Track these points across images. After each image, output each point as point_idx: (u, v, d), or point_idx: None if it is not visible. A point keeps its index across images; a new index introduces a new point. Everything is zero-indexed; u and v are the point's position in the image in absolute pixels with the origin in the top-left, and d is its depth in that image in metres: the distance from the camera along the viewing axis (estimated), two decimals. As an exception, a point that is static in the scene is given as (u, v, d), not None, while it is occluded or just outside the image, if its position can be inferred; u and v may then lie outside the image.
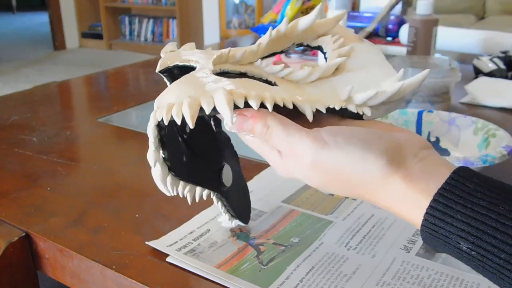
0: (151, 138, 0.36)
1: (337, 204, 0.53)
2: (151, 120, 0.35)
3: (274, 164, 0.37)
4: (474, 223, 0.30)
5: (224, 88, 0.33)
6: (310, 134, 0.34)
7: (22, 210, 0.52)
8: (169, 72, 0.40)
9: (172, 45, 0.41)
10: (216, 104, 0.33)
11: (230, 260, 0.43)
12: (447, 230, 0.31)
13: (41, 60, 4.24)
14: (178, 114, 0.33)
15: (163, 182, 0.38)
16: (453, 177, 0.31)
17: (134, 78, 1.17)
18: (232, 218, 0.47)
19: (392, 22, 1.39)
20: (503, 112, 0.84)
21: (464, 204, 0.30)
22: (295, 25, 0.41)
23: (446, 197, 0.31)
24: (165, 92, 0.35)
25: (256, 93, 0.34)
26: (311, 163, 0.34)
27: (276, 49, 0.41)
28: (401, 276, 0.41)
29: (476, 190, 0.30)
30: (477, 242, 0.30)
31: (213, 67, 0.36)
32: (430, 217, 0.31)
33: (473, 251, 0.30)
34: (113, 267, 0.43)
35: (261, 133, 0.35)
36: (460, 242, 0.30)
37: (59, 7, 4.60)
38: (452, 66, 0.80)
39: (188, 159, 0.41)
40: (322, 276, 0.41)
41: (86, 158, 0.68)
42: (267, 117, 0.34)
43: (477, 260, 0.30)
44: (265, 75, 0.38)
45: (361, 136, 0.34)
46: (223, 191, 0.45)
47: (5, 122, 0.80)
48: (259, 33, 1.56)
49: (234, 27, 4.15)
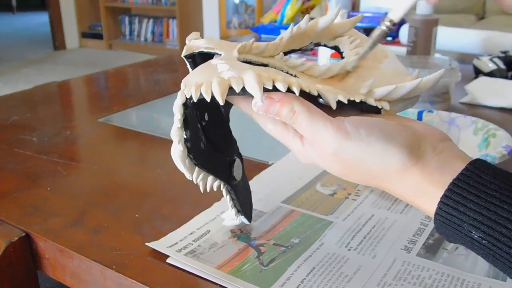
0: (178, 115, 0.37)
1: (337, 204, 0.53)
2: (179, 98, 0.36)
3: (295, 151, 0.38)
4: (486, 213, 0.30)
5: (253, 70, 0.34)
6: (334, 123, 0.34)
7: (22, 210, 0.52)
8: (193, 58, 0.41)
9: (196, 34, 0.42)
10: (245, 84, 0.34)
11: (230, 261, 0.43)
12: (459, 219, 0.31)
13: (41, 60, 4.24)
14: (207, 91, 0.34)
15: (183, 162, 0.39)
16: (468, 168, 0.32)
17: (134, 78, 1.17)
18: (238, 214, 0.47)
19: (392, 22, 1.39)
20: (503, 112, 0.83)
21: (477, 194, 0.31)
22: (315, 24, 0.42)
23: (460, 187, 0.32)
24: (192, 73, 0.36)
25: (283, 77, 0.35)
26: (333, 152, 0.34)
27: (295, 46, 0.42)
28: (402, 277, 0.41)
29: (490, 181, 0.31)
30: (488, 231, 0.30)
31: (238, 55, 0.37)
32: (444, 205, 0.32)
33: (484, 240, 0.31)
34: (113, 267, 0.43)
35: (287, 117, 0.35)
36: (472, 231, 0.31)
37: (59, 7, 4.60)
38: (452, 66, 0.80)
39: (205, 146, 0.41)
40: (323, 277, 0.41)
41: (86, 158, 0.68)
42: (293, 101, 0.35)
43: (488, 249, 0.31)
44: (286, 68, 0.39)
45: (383, 128, 0.34)
46: (233, 184, 0.45)
47: (5, 122, 0.80)
48: (259, 33, 1.56)
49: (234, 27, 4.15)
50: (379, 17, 1.41)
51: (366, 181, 0.36)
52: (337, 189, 0.56)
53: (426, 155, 0.34)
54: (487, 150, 0.58)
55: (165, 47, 4.49)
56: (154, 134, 0.74)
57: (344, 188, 0.56)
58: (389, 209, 0.51)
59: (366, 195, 0.55)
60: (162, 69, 1.21)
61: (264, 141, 0.74)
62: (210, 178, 0.42)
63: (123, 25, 4.80)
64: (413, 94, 0.39)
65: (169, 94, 0.95)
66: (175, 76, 1.10)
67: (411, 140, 0.34)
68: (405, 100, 0.40)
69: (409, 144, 0.34)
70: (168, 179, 0.59)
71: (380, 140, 0.34)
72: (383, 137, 0.34)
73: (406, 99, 0.40)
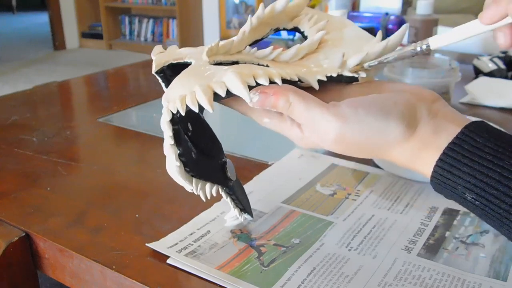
0: (168, 132, 0.37)
1: (337, 204, 0.53)
2: (165, 115, 0.36)
3: (295, 139, 0.38)
4: (479, 176, 0.32)
5: (232, 70, 0.34)
6: (331, 109, 0.35)
7: (22, 210, 0.52)
8: (164, 73, 0.41)
9: (159, 47, 0.41)
10: (229, 86, 0.34)
11: (231, 261, 0.43)
12: (454, 182, 0.33)
13: (41, 60, 4.23)
14: (193, 102, 0.34)
15: (183, 177, 0.39)
16: (463, 131, 0.34)
17: (134, 78, 1.17)
18: (241, 212, 0.47)
19: (392, 22, 1.39)
20: (503, 112, 0.83)
21: (471, 158, 0.33)
22: (272, 9, 0.42)
23: (455, 151, 0.33)
24: (171, 87, 0.36)
25: (263, 71, 0.35)
26: (334, 137, 0.35)
27: (257, 36, 0.43)
28: (403, 277, 0.41)
29: (484, 144, 0.33)
30: (480, 193, 0.32)
31: (208, 59, 0.37)
32: (439, 169, 0.34)
33: (477, 201, 0.33)
34: (113, 267, 0.43)
35: (283, 108, 0.36)
36: (465, 193, 0.33)
37: (59, 7, 4.59)
38: (452, 66, 0.80)
39: (196, 156, 0.41)
40: (324, 277, 0.41)
41: (86, 158, 0.68)
42: (288, 93, 0.36)
43: (480, 209, 0.33)
44: (256, 60, 0.39)
45: (380, 104, 0.35)
46: (230, 185, 0.45)
47: (5, 122, 0.80)
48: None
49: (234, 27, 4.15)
50: (379, 17, 1.41)
51: (368, 155, 0.37)
52: (337, 189, 0.56)
53: (421, 121, 0.35)
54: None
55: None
56: (154, 134, 0.73)
57: (344, 188, 0.56)
58: (389, 209, 0.51)
59: (366, 195, 0.55)
60: (162, 69, 1.20)
61: (264, 141, 0.74)
62: (208, 185, 0.42)
63: (123, 25, 4.80)
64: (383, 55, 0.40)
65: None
66: (175, 76, 1.10)
67: (408, 110, 0.35)
68: None
69: (406, 115, 0.35)
70: (168, 179, 0.59)
71: (379, 117, 0.35)
72: (381, 114, 0.35)
73: None
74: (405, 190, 0.55)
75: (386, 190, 0.56)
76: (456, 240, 0.46)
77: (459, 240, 0.46)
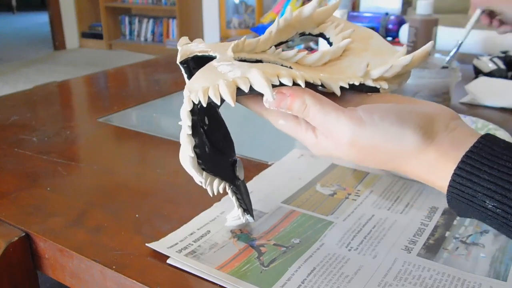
0: (187, 122, 0.37)
1: (338, 204, 0.53)
2: (186, 104, 0.36)
3: (309, 144, 0.38)
4: (500, 182, 0.31)
5: (257, 67, 0.34)
6: (347, 113, 0.35)
7: (22, 210, 0.52)
8: (187, 64, 0.41)
9: (185, 39, 0.42)
10: (253, 83, 0.34)
11: (231, 261, 0.43)
12: (473, 189, 0.32)
13: (41, 60, 4.23)
14: (216, 94, 0.34)
15: (195, 168, 0.39)
16: (480, 141, 0.33)
17: (134, 78, 1.17)
18: (244, 213, 0.47)
19: (392, 22, 1.39)
20: (503, 112, 0.83)
21: (490, 165, 0.32)
22: (300, 13, 0.43)
23: (473, 159, 0.32)
24: (195, 78, 0.36)
25: (286, 72, 0.35)
26: (349, 141, 0.35)
27: (282, 38, 0.43)
28: (403, 277, 0.41)
29: (502, 153, 0.32)
30: (502, 200, 0.31)
31: (233, 55, 0.37)
32: (458, 177, 0.32)
33: (498, 209, 0.31)
34: (113, 267, 0.43)
35: (299, 110, 0.36)
36: (485, 201, 0.32)
37: (59, 7, 4.60)
38: (452, 66, 0.80)
39: (209, 150, 0.41)
40: (324, 277, 0.41)
41: (86, 158, 0.68)
42: (304, 95, 0.35)
43: (502, 217, 0.31)
44: (280, 61, 0.39)
45: (396, 112, 0.35)
46: (237, 184, 0.45)
47: (5, 122, 0.80)
48: (259, 33, 1.56)
49: (234, 27, 4.15)
50: (379, 17, 1.41)
51: (383, 165, 0.36)
52: (337, 189, 0.56)
53: (439, 134, 0.34)
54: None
55: (165, 47, 4.49)
56: (154, 134, 0.73)
57: (344, 188, 0.56)
58: (389, 209, 0.51)
59: (366, 195, 0.55)
60: (162, 69, 1.20)
61: (263, 141, 0.74)
62: (216, 181, 0.42)
63: (123, 25, 4.80)
64: (407, 69, 0.40)
65: (169, 94, 0.95)
66: (175, 76, 1.10)
67: (425, 121, 0.34)
68: (399, 77, 0.40)
69: (423, 125, 0.34)
70: (168, 179, 0.59)
71: (395, 124, 0.34)
72: (397, 121, 0.34)
73: (400, 76, 0.40)
74: (405, 190, 0.55)
75: (386, 190, 0.56)
76: (456, 240, 0.46)
77: (459, 240, 0.46)
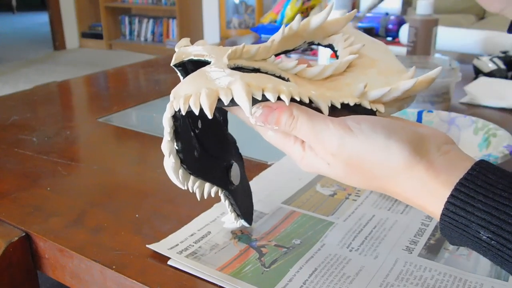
0: (167, 128, 0.36)
1: (338, 205, 0.52)
2: (167, 111, 0.36)
3: (297, 158, 0.37)
4: (495, 213, 0.30)
5: (242, 80, 0.34)
6: (335, 121, 0.34)
7: (22, 210, 0.52)
8: (183, 66, 0.41)
9: (185, 40, 0.41)
10: (234, 95, 0.33)
11: (232, 262, 0.43)
12: (467, 219, 0.31)
13: (41, 60, 4.23)
14: (196, 104, 0.33)
15: (176, 174, 0.38)
16: (475, 168, 0.31)
17: (134, 78, 1.17)
18: (237, 218, 0.46)
19: (392, 22, 1.39)
20: (503, 112, 0.83)
21: (485, 194, 0.30)
22: (307, 23, 0.41)
23: (467, 187, 0.31)
24: (182, 84, 0.36)
25: (273, 86, 0.34)
26: (335, 151, 0.34)
27: (288, 46, 0.42)
28: (404, 277, 0.41)
29: (497, 181, 0.30)
30: (497, 231, 0.29)
31: (228, 62, 0.37)
32: (451, 205, 0.31)
33: (493, 241, 0.30)
34: (113, 267, 0.42)
35: (286, 124, 0.35)
36: (480, 231, 0.30)
37: (59, 7, 4.59)
38: (452, 66, 0.80)
39: (199, 155, 0.41)
40: (325, 278, 0.40)
41: (86, 158, 0.68)
42: (292, 108, 0.35)
43: (497, 249, 0.30)
44: (278, 72, 0.38)
45: (386, 125, 0.34)
46: (231, 189, 0.45)
47: (5, 122, 0.80)
48: (259, 33, 1.56)
49: (234, 27, 4.15)
50: (379, 17, 1.41)
51: (369, 182, 0.35)
52: (337, 190, 0.56)
53: (430, 154, 0.33)
54: (488, 150, 0.58)
55: (165, 47, 4.49)
56: (154, 134, 0.73)
57: (344, 188, 0.56)
58: (389, 210, 0.51)
59: (367, 195, 0.54)
60: (162, 69, 1.20)
61: (263, 141, 0.74)
62: (207, 185, 0.42)
63: (123, 25, 4.80)
64: (409, 95, 0.38)
65: (169, 94, 0.94)
66: (175, 76, 1.09)
67: (414, 138, 0.33)
68: (401, 101, 0.39)
69: (412, 140, 0.33)
70: (168, 179, 0.59)
71: (383, 135, 0.33)
72: (386, 132, 0.33)
73: (401, 100, 0.38)
74: (406, 190, 0.55)
75: (387, 190, 0.55)
76: (457, 241, 0.46)
77: (460, 240, 0.46)
